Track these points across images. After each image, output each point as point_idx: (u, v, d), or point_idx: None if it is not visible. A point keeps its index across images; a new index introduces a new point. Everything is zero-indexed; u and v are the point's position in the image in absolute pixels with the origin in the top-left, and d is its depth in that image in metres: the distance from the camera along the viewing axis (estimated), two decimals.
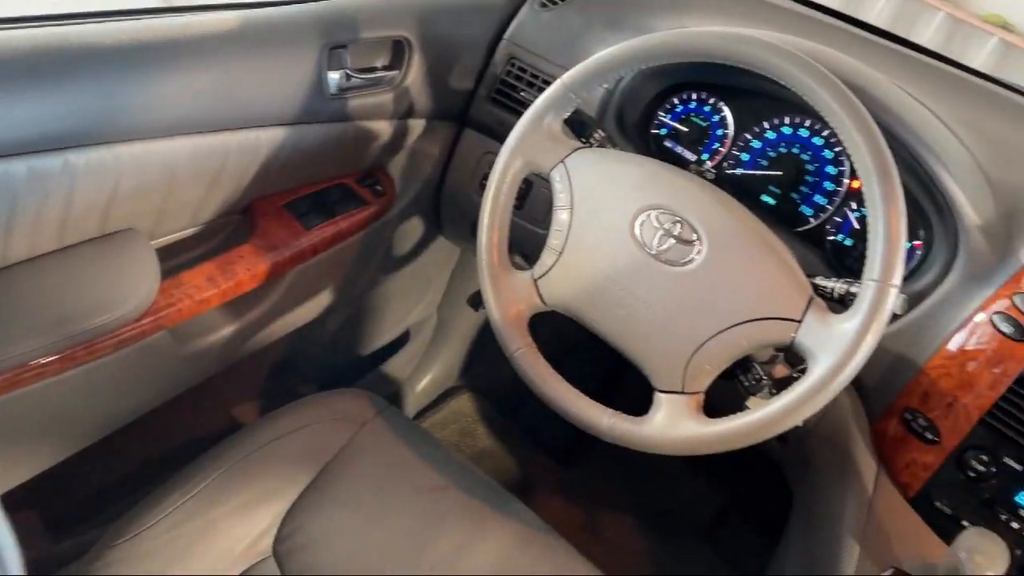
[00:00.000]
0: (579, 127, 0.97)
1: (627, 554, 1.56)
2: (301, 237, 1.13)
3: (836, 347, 0.74)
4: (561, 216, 0.89)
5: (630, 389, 0.90)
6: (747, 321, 0.79)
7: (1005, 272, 0.90)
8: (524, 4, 1.21)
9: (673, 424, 0.81)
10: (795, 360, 0.88)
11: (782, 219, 1.09)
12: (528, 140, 0.91)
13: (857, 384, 0.98)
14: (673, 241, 0.83)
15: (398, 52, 1.13)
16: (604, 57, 0.88)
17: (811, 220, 1.07)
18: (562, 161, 0.90)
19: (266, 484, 0.97)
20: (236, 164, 1.01)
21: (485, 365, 1.75)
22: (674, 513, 1.65)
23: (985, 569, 0.76)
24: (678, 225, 0.83)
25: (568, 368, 0.93)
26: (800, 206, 1.08)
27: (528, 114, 0.92)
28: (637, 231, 0.85)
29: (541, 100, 0.91)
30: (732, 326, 0.80)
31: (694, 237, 0.82)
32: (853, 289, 0.78)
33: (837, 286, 0.82)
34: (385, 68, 1.13)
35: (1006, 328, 0.87)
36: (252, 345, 1.15)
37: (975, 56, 3.52)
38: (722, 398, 0.86)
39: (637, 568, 1.53)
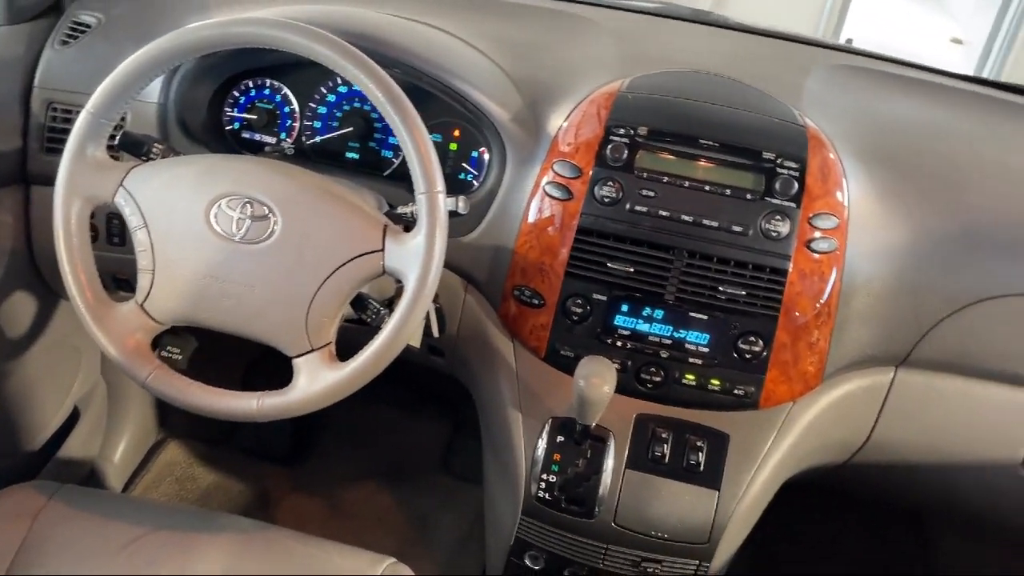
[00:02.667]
0: (135, 147, 0.97)
1: (375, 518, 1.63)
2: None
3: (416, 259, 0.85)
4: (140, 236, 0.90)
5: (276, 368, 0.95)
6: (339, 267, 0.87)
7: (543, 148, 1.07)
8: (44, 47, 1.16)
9: (315, 380, 0.88)
10: None
11: (369, 168, 1.19)
12: (76, 178, 0.91)
13: (475, 282, 1.11)
14: (249, 222, 0.88)
15: None
16: (116, 75, 0.89)
17: (394, 161, 1.18)
18: (120, 185, 0.91)
19: None
20: None
21: (178, 408, 1.70)
22: (409, 462, 1.75)
23: (600, 387, 0.92)
24: (249, 206, 0.88)
25: (211, 371, 0.96)
26: (381, 152, 1.19)
27: (66, 153, 0.91)
28: (214, 224, 0.88)
29: (72, 136, 0.91)
30: (328, 276, 0.87)
31: (266, 212, 0.88)
32: (414, 207, 0.89)
33: (408, 210, 0.92)
34: None
35: (557, 193, 1.04)
36: None
37: None
38: None
39: (390, 524, 1.62)
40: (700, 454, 1.01)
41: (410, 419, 1.83)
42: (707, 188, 1.01)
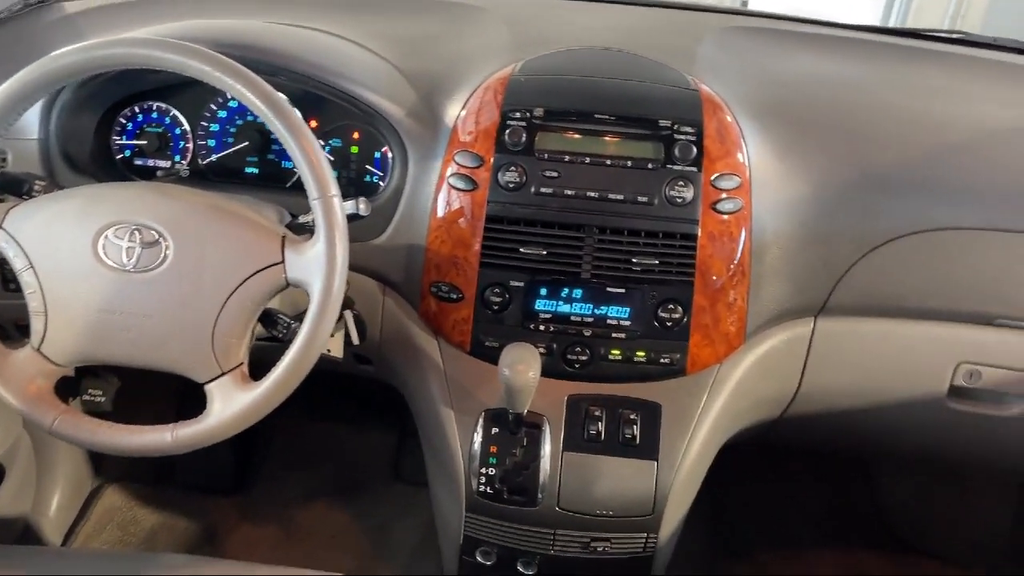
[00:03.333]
0: (15, 186, 0.93)
1: (330, 537, 1.60)
2: None
3: (318, 267, 0.83)
4: (27, 278, 0.86)
5: (189, 397, 0.92)
6: (239, 285, 0.84)
7: (443, 141, 1.06)
8: None
9: (229, 404, 0.85)
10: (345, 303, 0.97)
11: (271, 181, 1.16)
12: None
13: (392, 284, 1.09)
14: (140, 249, 0.85)
15: None
16: None
17: (295, 171, 1.15)
18: (0, 227, 0.87)
19: None
20: None
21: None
22: (359, 474, 1.72)
23: (525, 373, 0.91)
24: (137, 233, 0.85)
25: (142, 409, 0.93)
26: (281, 163, 1.16)
27: None
28: (103, 255, 0.85)
29: None
30: (229, 296, 0.84)
31: (156, 237, 0.85)
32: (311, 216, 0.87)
33: (309, 219, 0.90)
34: None
35: (462, 184, 1.02)
36: None
37: None
38: None
39: (346, 540, 1.59)
40: (635, 427, 1.01)
41: (356, 431, 1.80)
42: (608, 162, 1.01)
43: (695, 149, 1.01)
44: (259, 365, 0.90)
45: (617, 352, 1.03)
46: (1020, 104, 1.17)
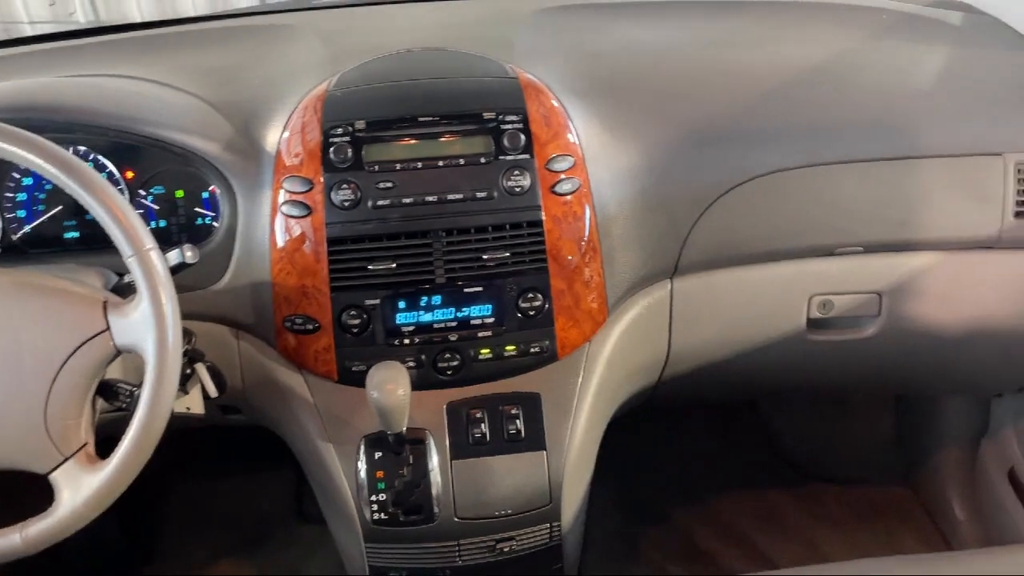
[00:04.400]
0: None
1: None
2: None
3: (147, 328, 0.78)
4: None
5: (31, 492, 0.84)
6: (64, 362, 0.78)
7: (268, 169, 1.02)
8: None
9: (79, 490, 0.79)
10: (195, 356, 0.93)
11: (96, 242, 1.07)
12: None
13: (244, 327, 1.04)
14: None
15: None
16: None
17: None
18: None
19: None
20: None
21: None
22: (263, 522, 1.66)
23: (395, 392, 0.89)
24: None
25: None
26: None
27: None
28: None
29: None
30: (56, 376, 0.78)
31: None
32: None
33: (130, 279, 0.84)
34: None
35: (295, 211, 0.99)
36: None
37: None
38: None
39: None
40: (518, 421, 1.01)
41: (253, 479, 1.73)
42: (441, 163, 1.00)
43: (523, 136, 1.00)
44: (111, 440, 0.84)
45: (487, 351, 1.02)
46: (813, 40, 1.23)
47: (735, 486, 1.66)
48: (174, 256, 0.83)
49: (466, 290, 1.00)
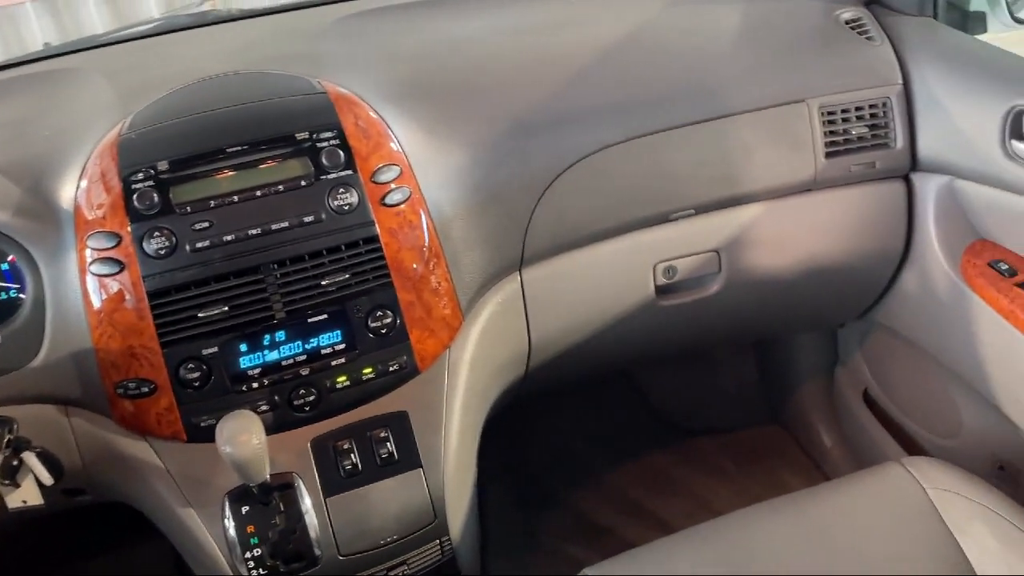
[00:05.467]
0: None
1: None
2: None
3: None
4: None
5: None
6: None
7: (68, 229, 0.93)
8: None
9: None
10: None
11: None
12: None
13: (69, 401, 0.96)
14: None
15: None
16: None
17: None
18: None
19: None
20: None
21: None
22: None
23: (249, 442, 0.83)
24: None
25: None
26: None
27: None
28: None
29: None
30: None
31: None
32: None
33: None
34: None
35: (106, 269, 0.91)
36: None
37: None
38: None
39: None
40: (388, 443, 0.97)
41: (125, 556, 1.60)
42: (259, 193, 0.94)
43: (342, 152, 0.97)
44: None
45: (343, 378, 0.97)
46: (616, 17, 1.25)
47: (620, 455, 1.69)
48: None
49: (310, 320, 0.95)
